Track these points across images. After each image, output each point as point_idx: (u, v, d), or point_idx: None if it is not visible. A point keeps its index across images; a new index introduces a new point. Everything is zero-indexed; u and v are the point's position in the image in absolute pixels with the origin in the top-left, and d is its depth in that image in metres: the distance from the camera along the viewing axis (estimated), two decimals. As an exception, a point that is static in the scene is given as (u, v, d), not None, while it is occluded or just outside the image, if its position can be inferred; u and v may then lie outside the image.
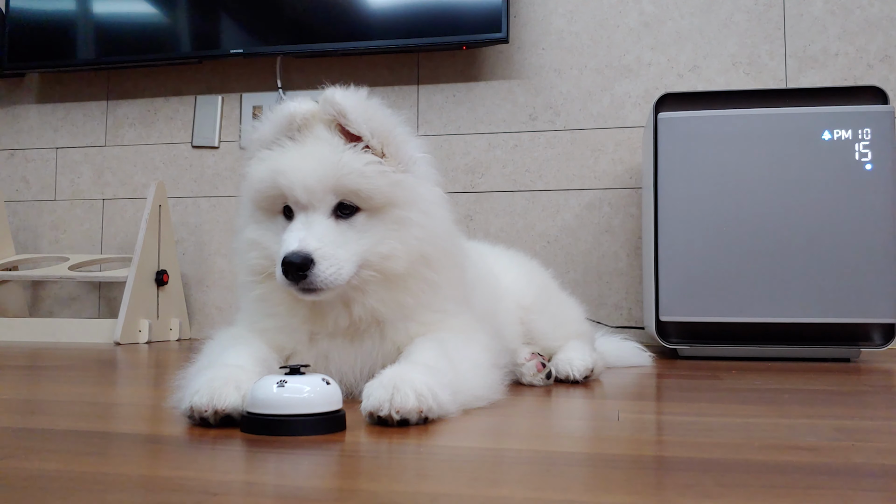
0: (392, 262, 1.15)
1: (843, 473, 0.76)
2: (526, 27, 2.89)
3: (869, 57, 2.64)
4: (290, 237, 1.10)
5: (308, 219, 1.12)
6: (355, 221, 1.14)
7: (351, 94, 1.16)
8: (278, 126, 1.17)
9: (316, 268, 1.07)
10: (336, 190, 1.12)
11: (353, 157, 1.13)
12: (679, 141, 2.15)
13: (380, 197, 1.13)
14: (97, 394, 1.40)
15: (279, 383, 0.93)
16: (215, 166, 3.13)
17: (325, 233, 1.11)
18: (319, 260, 1.08)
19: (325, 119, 1.15)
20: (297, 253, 1.07)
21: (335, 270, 1.09)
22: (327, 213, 1.13)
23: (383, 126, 1.16)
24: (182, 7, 3.05)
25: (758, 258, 2.09)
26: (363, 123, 1.14)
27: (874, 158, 2.06)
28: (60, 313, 3.25)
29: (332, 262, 1.09)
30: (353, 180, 1.12)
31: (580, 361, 1.52)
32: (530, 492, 0.68)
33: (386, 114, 1.19)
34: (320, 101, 1.16)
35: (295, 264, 1.07)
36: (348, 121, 1.13)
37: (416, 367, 1.04)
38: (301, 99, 1.18)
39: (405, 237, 1.15)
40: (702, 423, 1.07)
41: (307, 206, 1.12)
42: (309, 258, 1.07)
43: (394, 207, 1.15)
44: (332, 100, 1.14)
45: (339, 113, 1.13)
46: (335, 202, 1.13)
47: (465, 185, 2.90)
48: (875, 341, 2.08)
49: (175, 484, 0.70)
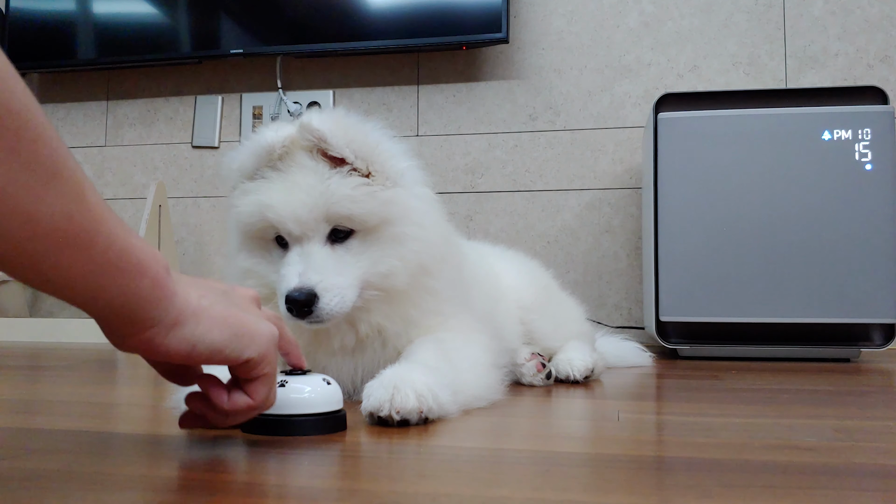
0: (393, 280, 1.14)
1: (844, 473, 0.76)
2: (526, 27, 2.89)
3: (869, 57, 2.64)
4: (289, 272, 1.08)
5: (304, 249, 1.10)
6: (351, 245, 1.12)
7: (328, 116, 1.13)
8: (258, 157, 1.13)
9: (321, 301, 1.06)
10: (328, 218, 1.10)
11: (340, 182, 1.10)
12: (679, 141, 2.15)
13: (372, 218, 1.12)
14: (97, 394, 1.40)
15: (280, 383, 0.93)
16: (215, 166, 3.13)
17: (324, 263, 1.09)
18: (322, 293, 1.06)
19: (305, 146, 1.12)
20: (301, 290, 1.05)
21: (339, 300, 1.08)
22: (322, 241, 1.11)
23: (366, 145, 1.13)
24: (182, 7, 3.05)
25: (758, 258, 2.09)
26: (345, 147, 1.10)
27: (874, 158, 2.06)
28: (60, 313, 3.25)
29: (336, 293, 1.07)
30: (344, 206, 1.09)
31: (580, 362, 1.52)
32: (530, 492, 0.68)
33: (367, 130, 1.16)
34: (297, 130, 1.12)
35: (299, 301, 1.05)
36: (329, 145, 1.10)
37: (416, 368, 1.04)
38: (277, 124, 1.15)
39: (403, 253, 1.14)
40: (702, 423, 1.07)
41: (301, 237, 1.10)
42: (312, 293, 1.06)
43: (388, 225, 1.13)
44: (310, 127, 1.10)
45: (318, 139, 1.10)
46: (328, 229, 1.11)
47: (464, 186, 2.90)
48: (875, 341, 2.08)
49: (175, 484, 0.70)
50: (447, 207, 1.34)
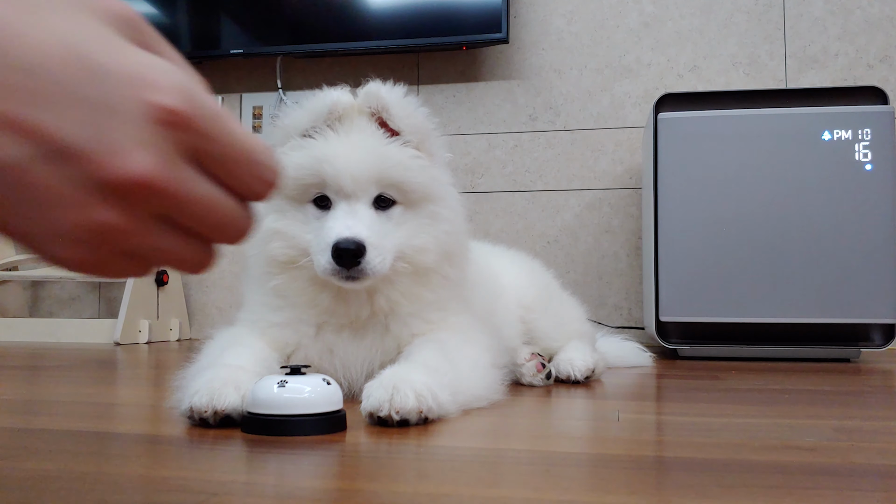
0: (424, 256, 1.17)
1: (843, 474, 0.76)
2: (526, 27, 2.89)
3: (869, 57, 2.64)
4: (338, 224, 1.10)
5: (351, 208, 1.12)
6: (392, 214, 1.16)
7: (394, 89, 1.18)
8: (317, 115, 1.17)
9: (367, 255, 1.08)
10: (380, 181, 1.13)
11: (398, 150, 1.15)
12: (679, 141, 2.15)
13: (419, 191, 1.16)
14: (97, 394, 1.40)
15: (280, 383, 0.93)
16: (215, 166, 3.13)
17: (372, 223, 1.12)
18: (370, 248, 1.09)
19: (365, 111, 1.16)
20: (351, 240, 1.07)
21: (382, 260, 1.11)
22: (369, 204, 1.14)
23: (422, 124, 1.19)
24: (182, 7, 3.05)
25: (758, 258, 2.09)
26: (404, 119, 1.16)
27: (874, 159, 2.06)
28: (60, 313, 3.25)
29: (380, 251, 1.10)
30: (399, 172, 1.14)
31: (581, 362, 1.52)
32: (530, 492, 0.68)
33: (424, 113, 1.22)
34: (362, 95, 1.17)
35: (350, 251, 1.07)
36: (390, 115, 1.15)
37: (415, 368, 1.04)
38: (340, 89, 1.19)
39: (436, 232, 1.18)
40: (702, 423, 1.07)
41: (350, 195, 1.12)
42: (362, 245, 1.08)
43: (428, 202, 1.18)
44: (377, 94, 1.15)
45: (382, 107, 1.15)
46: (376, 193, 1.14)
47: (464, 186, 2.90)
48: (875, 341, 2.08)
49: (175, 484, 0.70)
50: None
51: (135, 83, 0.38)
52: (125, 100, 0.38)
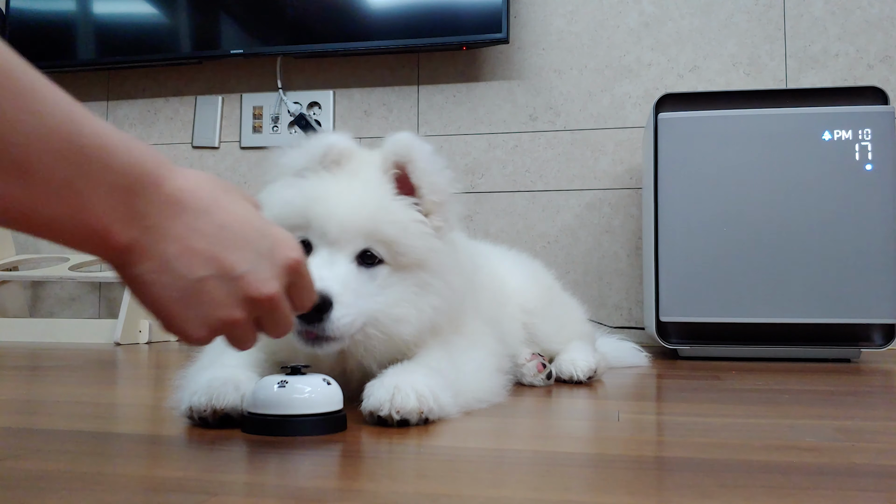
0: (402, 327, 1.07)
1: (844, 474, 0.76)
2: (526, 27, 2.89)
3: (869, 57, 2.64)
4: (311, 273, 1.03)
5: (332, 257, 1.03)
6: (377, 273, 1.05)
7: (423, 143, 1.10)
8: (311, 156, 1.09)
9: (333, 313, 0.97)
10: (370, 235, 1.04)
11: (401, 207, 1.06)
12: (679, 141, 2.15)
13: (412, 256, 1.06)
14: (97, 394, 1.40)
15: (280, 383, 0.93)
16: (216, 167, 3.13)
17: (348, 278, 1.02)
18: (338, 306, 0.98)
19: (386, 160, 1.08)
20: (319, 292, 0.94)
21: (349, 321, 0.99)
22: (351, 257, 1.04)
23: (444, 186, 1.11)
24: (182, 7, 3.05)
25: (758, 258, 2.09)
26: (426, 176, 1.08)
27: (874, 159, 2.05)
28: (61, 313, 3.25)
29: (349, 311, 0.99)
30: (394, 231, 1.04)
31: (584, 362, 1.52)
32: (531, 492, 0.68)
33: (449, 176, 1.13)
34: (390, 141, 1.09)
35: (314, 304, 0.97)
36: (415, 168, 1.07)
37: (417, 369, 1.04)
38: (339, 133, 1.12)
39: (422, 304, 1.08)
40: (702, 423, 1.07)
41: (333, 243, 1.03)
42: (329, 300, 0.97)
43: (420, 270, 1.07)
44: (407, 143, 1.07)
45: (408, 158, 1.07)
46: (363, 247, 1.04)
47: (465, 186, 2.90)
48: (875, 342, 2.08)
49: (175, 484, 0.70)
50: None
51: (283, 244, 0.70)
52: (275, 252, 0.69)
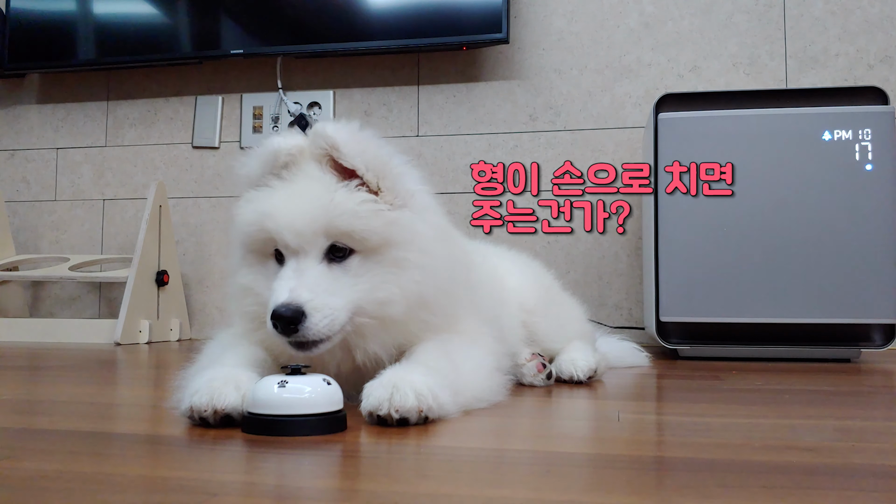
0: (389, 309, 1.08)
1: (844, 474, 0.76)
2: (526, 28, 2.89)
3: (869, 57, 2.64)
4: (280, 287, 1.02)
5: (299, 265, 1.04)
6: (349, 265, 1.06)
7: (343, 126, 1.09)
8: (264, 163, 1.10)
9: (308, 320, 1.00)
10: (328, 232, 1.05)
11: (346, 196, 1.06)
12: (679, 141, 2.15)
13: (375, 238, 1.06)
14: (97, 394, 1.40)
15: (280, 383, 0.93)
16: (216, 167, 3.13)
17: (318, 280, 1.03)
18: (311, 312, 1.00)
19: (315, 154, 1.08)
20: (288, 306, 0.99)
21: (329, 322, 1.01)
22: (319, 258, 1.05)
23: (379, 159, 1.10)
24: (182, 7, 3.05)
25: (758, 258, 2.09)
26: (357, 157, 1.07)
27: (874, 159, 2.05)
28: (61, 314, 3.25)
29: (326, 313, 1.01)
30: (346, 221, 1.05)
31: (584, 362, 1.52)
32: (531, 492, 0.68)
33: (381, 145, 1.12)
34: (310, 135, 1.09)
35: (285, 318, 0.99)
36: (341, 154, 1.06)
37: (416, 368, 1.04)
38: (287, 133, 1.12)
39: (403, 281, 1.08)
40: (702, 423, 1.07)
41: (297, 250, 1.04)
42: (300, 310, 0.99)
43: (390, 248, 1.08)
44: (324, 133, 1.07)
45: (331, 147, 1.06)
46: (327, 245, 1.05)
47: (465, 186, 2.90)
48: (875, 342, 2.08)
49: (175, 484, 0.70)
50: (448, 208, 1.32)
51: None
52: None
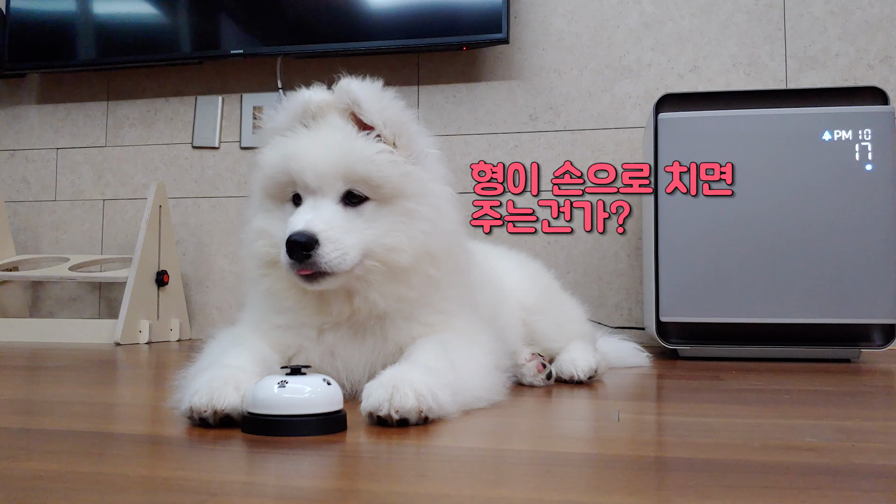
0: (397, 255, 1.14)
1: (844, 474, 0.76)
2: (526, 28, 2.89)
3: (869, 57, 2.64)
4: (297, 219, 1.11)
5: (316, 203, 1.13)
6: (363, 210, 1.14)
7: (366, 84, 1.18)
8: (293, 113, 1.18)
9: (320, 249, 1.07)
10: (346, 176, 1.13)
11: (365, 144, 1.14)
12: (679, 141, 2.15)
13: (389, 186, 1.14)
14: (97, 394, 1.40)
15: (280, 384, 0.93)
16: (216, 167, 3.13)
17: (333, 217, 1.11)
18: (324, 241, 1.08)
19: (339, 108, 1.16)
20: (302, 232, 1.07)
21: (340, 254, 1.09)
22: (336, 199, 1.13)
23: (397, 117, 1.18)
24: (182, 7, 3.05)
25: (758, 259, 2.09)
26: (377, 113, 1.15)
27: (874, 159, 2.05)
28: (61, 314, 3.25)
29: (338, 246, 1.09)
30: (364, 167, 1.13)
31: (584, 362, 1.52)
32: (531, 492, 0.68)
33: (400, 106, 1.21)
34: (335, 90, 1.17)
35: (299, 243, 1.07)
36: (362, 109, 1.15)
37: (416, 368, 1.04)
38: (316, 88, 1.20)
39: (412, 230, 1.15)
40: (702, 423, 1.07)
41: (316, 190, 1.13)
42: (314, 238, 1.07)
43: (403, 199, 1.15)
44: (348, 89, 1.15)
45: (353, 101, 1.15)
46: (345, 189, 1.14)
47: (465, 186, 2.89)
48: (875, 342, 2.08)
49: (175, 484, 0.70)
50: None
51: None
52: None
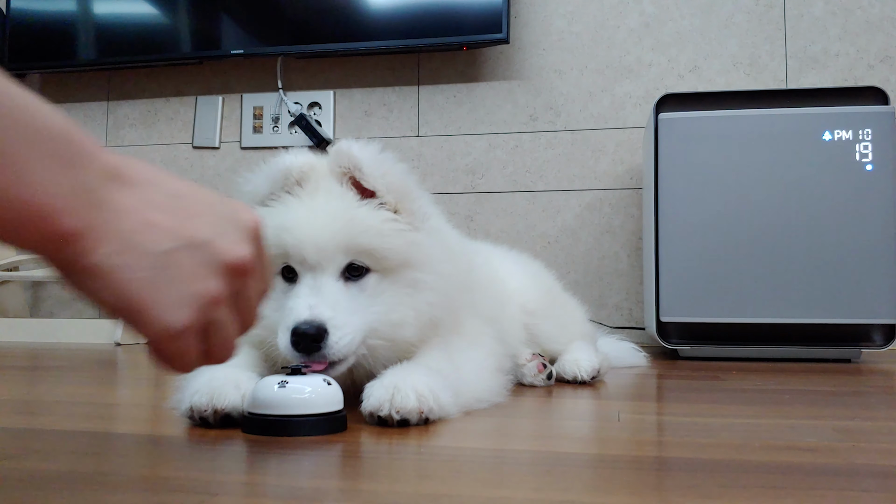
0: (403, 331, 1.07)
1: (844, 474, 0.76)
2: (526, 28, 2.89)
3: (869, 57, 2.64)
4: (299, 304, 1.00)
5: (316, 282, 1.02)
6: (366, 284, 1.05)
7: (366, 146, 1.09)
8: (273, 181, 1.08)
9: (330, 338, 0.98)
10: (349, 249, 1.03)
11: (370, 213, 1.05)
12: (679, 141, 2.15)
13: (395, 257, 1.06)
14: (97, 394, 1.40)
15: (280, 384, 0.93)
16: (216, 167, 3.14)
17: (337, 299, 1.01)
18: (333, 330, 0.98)
19: (336, 172, 1.07)
20: (311, 323, 0.97)
21: (349, 341, 1.00)
22: (336, 275, 1.03)
23: (400, 181, 1.09)
24: (182, 7, 3.05)
25: (758, 259, 2.09)
26: (379, 178, 1.06)
27: (875, 159, 2.05)
28: (61, 314, 3.25)
29: (347, 332, 1.00)
30: (370, 239, 1.04)
31: (587, 362, 1.52)
32: (531, 492, 0.68)
33: (401, 168, 1.12)
34: (332, 153, 1.08)
35: (309, 335, 0.97)
36: (363, 175, 1.05)
37: (417, 369, 1.04)
38: (295, 150, 1.11)
39: (417, 303, 1.07)
40: (702, 423, 1.07)
41: (315, 266, 1.02)
42: (323, 328, 0.97)
43: (407, 269, 1.07)
44: (348, 152, 1.06)
45: (354, 166, 1.05)
46: (345, 262, 1.04)
47: (465, 186, 2.90)
48: (876, 342, 2.08)
49: (175, 484, 0.70)
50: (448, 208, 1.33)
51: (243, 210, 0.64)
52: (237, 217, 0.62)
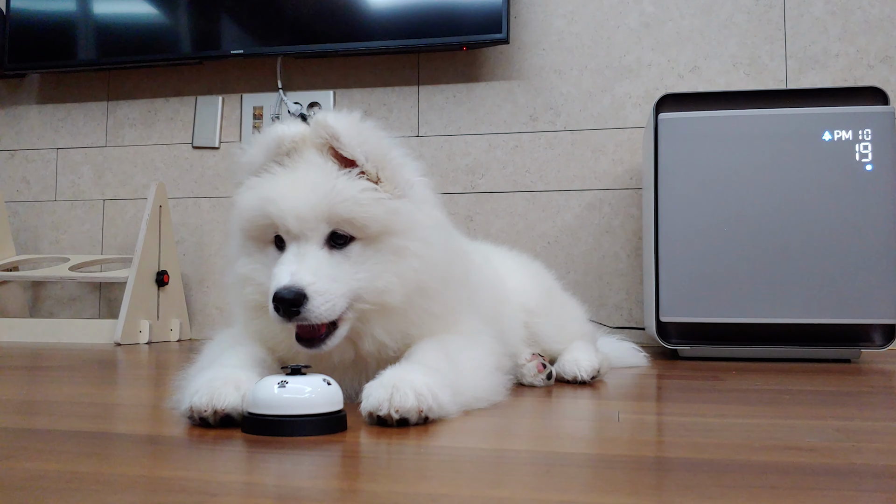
0: (388, 297, 1.09)
1: (844, 474, 0.76)
2: (526, 28, 2.89)
3: (869, 57, 2.64)
4: (282, 271, 1.03)
5: (300, 250, 1.05)
6: (350, 252, 1.08)
7: (344, 116, 1.11)
8: (266, 150, 1.11)
9: (309, 303, 1.01)
10: (329, 218, 1.06)
11: (348, 183, 1.07)
12: (679, 141, 2.15)
13: (376, 225, 1.08)
14: (97, 394, 1.40)
15: (280, 384, 0.93)
16: (216, 167, 3.14)
17: (319, 265, 1.04)
18: (313, 295, 1.01)
19: (316, 143, 1.09)
20: (290, 288, 1.00)
21: (329, 307, 1.03)
22: (320, 243, 1.06)
23: (378, 149, 1.11)
24: (182, 7, 3.05)
25: (758, 259, 2.09)
26: (357, 147, 1.08)
27: (874, 159, 2.05)
28: (61, 314, 3.25)
29: (327, 298, 1.02)
30: (348, 208, 1.06)
31: (587, 362, 1.52)
32: (531, 492, 0.68)
33: (381, 136, 1.14)
34: (311, 125, 1.10)
35: (287, 300, 1.00)
36: (341, 144, 1.07)
37: (416, 368, 1.04)
38: (290, 121, 1.13)
39: (402, 269, 1.09)
40: (702, 423, 1.07)
41: (299, 235, 1.06)
42: (302, 293, 1.00)
43: (390, 236, 1.09)
44: (325, 123, 1.08)
45: (331, 136, 1.07)
46: (328, 231, 1.07)
47: (465, 186, 2.90)
48: (875, 342, 2.08)
49: (175, 484, 0.70)
50: (448, 208, 1.32)
51: None
52: None
